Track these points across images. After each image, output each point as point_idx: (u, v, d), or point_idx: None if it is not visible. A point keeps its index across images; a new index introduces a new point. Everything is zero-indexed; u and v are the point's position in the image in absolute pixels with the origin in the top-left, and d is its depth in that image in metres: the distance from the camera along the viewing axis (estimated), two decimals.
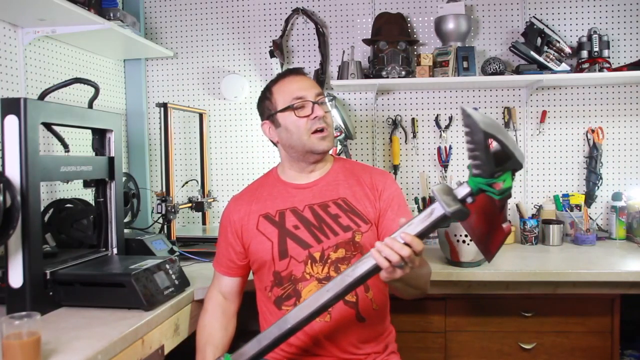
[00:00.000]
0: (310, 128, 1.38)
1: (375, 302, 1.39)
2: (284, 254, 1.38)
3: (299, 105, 1.39)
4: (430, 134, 2.47)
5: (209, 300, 1.49)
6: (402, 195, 1.48)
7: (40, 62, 1.97)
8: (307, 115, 1.38)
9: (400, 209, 1.43)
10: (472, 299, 1.89)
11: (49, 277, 1.35)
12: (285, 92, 1.42)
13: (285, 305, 1.37)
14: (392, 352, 1.45)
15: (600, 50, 2.25)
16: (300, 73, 1.47)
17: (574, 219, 2.28)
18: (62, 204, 1.77)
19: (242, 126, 2.54)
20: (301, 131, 1.39)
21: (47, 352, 1.06)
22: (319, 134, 1.38)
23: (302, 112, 1.39)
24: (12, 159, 1.27)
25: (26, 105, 1.28)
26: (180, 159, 2.57)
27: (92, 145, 1.66)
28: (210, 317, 1.46)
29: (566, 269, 1.82)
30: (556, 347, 1.89)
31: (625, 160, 2.41)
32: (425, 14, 2.46)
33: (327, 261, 1.36)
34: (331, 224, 1.39)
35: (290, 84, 1.43)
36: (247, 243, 1.44)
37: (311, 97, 1.39)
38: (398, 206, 1.43)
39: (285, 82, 1.44)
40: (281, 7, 2.50)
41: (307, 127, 1.38)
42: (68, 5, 1.69)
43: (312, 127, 1.38)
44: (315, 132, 1.38)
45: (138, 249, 1.72)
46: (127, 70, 2.54)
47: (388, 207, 1.43)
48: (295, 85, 1.42)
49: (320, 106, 1.39)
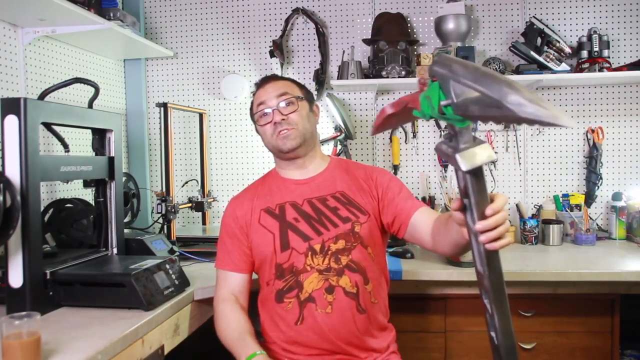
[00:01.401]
0: (274, 132, 1.45)
1: (374, 296, 1.41)
2: (285, 245, 1.41)
3: (260, 115, 1.47)
4: (430, 134, 2.47)
5: (224, 302, 1.45)
6: (403, 184, 1.51)
7: (40, 62, 1.97)
8: (269, 122, 1.45)
9: (403, 192, 1.47)
10: (472, 299, 1.89)
11: (49, 277, 1.34)
12: (254, 101, 1.51)
13: (287, 298, 1.39)
14: (393, 352, 1.47)
15: (600, 50, 2.25)
16: (269, 80, 1.52)
17: (574, 219, 2.28)
18: (62, 204, 1.77)
19: (242, 126, 2.54)
20: (267, 136, 1.47)
21: (47, 352, 1.06)
22: (281, 135, 1.44)
23: (264, 120, 1.47)
24: (12, 159, 1.27)
25: (26, 105, 1.28)
26: (180, 159, 2.57)
27: (92, 145, 1.65)
28: (233, 312, 1.42)
29: (566, 269, 1.82)
30: (556, 347, 1.89)
31: (625, 160, 2.41)
32: (425, 14, 2.46)
33: (328, 252, 1.39)
34: (330, 216, 1.42)
35: (258, 93, 1.51)
36: (251, 237, 1.46)
37: (272, 103, 1.45)
38: (399, 188, 1.47)
39: (257, 92, 1.52)
40: (281, 7, 2.50)
41: (271, 132, 1.46)
42: (68, 5, 1.69)
43: (275, 130, 1.45)
44: (279, 134, 1.44)
45: (138, 249, 1.72)
46: (127, 70, 2.54)
47: (388, 190, 1.47)
48: (260, 94, 1.49)
49: (280, 110, 1.45)
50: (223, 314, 1.42)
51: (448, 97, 0.80)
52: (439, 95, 0.82)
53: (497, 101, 0.73)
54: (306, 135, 1.47)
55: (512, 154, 2.45)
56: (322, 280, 1.37)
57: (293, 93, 1.47)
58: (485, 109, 0.75)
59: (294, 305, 1.38)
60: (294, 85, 1.52)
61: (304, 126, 1.46)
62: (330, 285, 1.37)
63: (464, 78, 0.78)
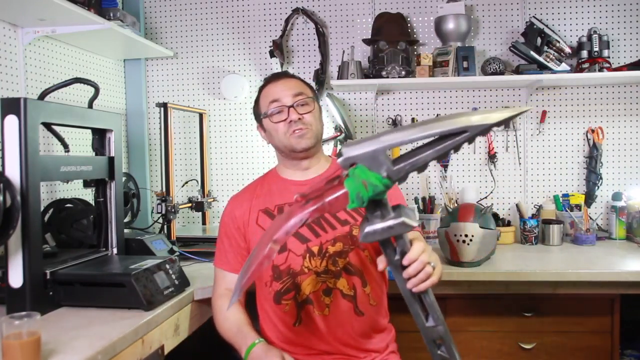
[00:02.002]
0: (287, 130, 1.43)
1: (372, 298, 1.41)
2: (282, 247, 1.40)
3: (274, 112, 1.44)
4: None
5: (221, 297, 1.46)
6: (399, 189, 1.52)
7: (40, 62, 1.97)
8: (283, 119, 1.43)
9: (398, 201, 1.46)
10: (472, 299, 1.89)
11: (49, 277, 1.34)
12: (265, 98, 1.49)
13: (284, 300, 1.39)
14: (392, 352, 1.47)
15: (600, 50, 2.25)
16: (282, 77, 1.50)
17: (574, 219, 2.28)
18: (62, 204, 1.77)
19: (242, 126, 2.54)
20: (280, 134, 1.44)
21: (47, 352, 1.06)
22: (296, 133, 1.42)
23: (278, 117, 1.44)
24: (12, 159, 1.27)
25: (26, 105, 1.28)
26: (180, 159, 2.57)
27: (92, 145, 1.65)
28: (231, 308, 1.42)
29: (566, 269, 1.82)
30: (556, 347, 1.89)
31: (625, 160, 2.41)
32: (425, 14, 2.46)
33: (325, 255, 1.39)
34: (329, 218, 1.42)
35: (269, 89, 1.48)
36: (249, 238, 1.46)
37: (287, 101, 1.43)
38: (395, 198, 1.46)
39: (267, 88, 1.50)
40: (281, 7, 2.50)
41: (284, 130, 1.43)
42: (68, 5, 1.69)
43: (289, 129, 1.43)
44: (293, 133, 1.42)
45: (138, 249, 1.72)
46: (127, 70, 2.54)
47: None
48: (273, 90, 1.47)
49: (296, 109, 1.43)
50: (221, 310, 1.43)
51: (381, 171, 0.88)
52: (372, 174, 0.88)
53: (462, 128, 0.85)
54: (318, 136, 1.48)
55: (512, 154, 2.45)
56: (320, 283, 1.37)
57: (307, 93, 1.47)
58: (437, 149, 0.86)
59: (292, 307, 1.38)
60: (306, 86, 1.51)
61: (317, 127, 1.46)
62: (328, 288, 1.37)
63: (391, 140, 0.88)
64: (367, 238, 0.93)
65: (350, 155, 0.89)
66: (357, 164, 0.89)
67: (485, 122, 0.85)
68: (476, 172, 2.46)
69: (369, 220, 0.93)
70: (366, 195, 0.89)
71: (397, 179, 0.89)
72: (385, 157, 0.88)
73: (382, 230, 0.92)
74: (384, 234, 0.93)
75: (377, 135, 0.89)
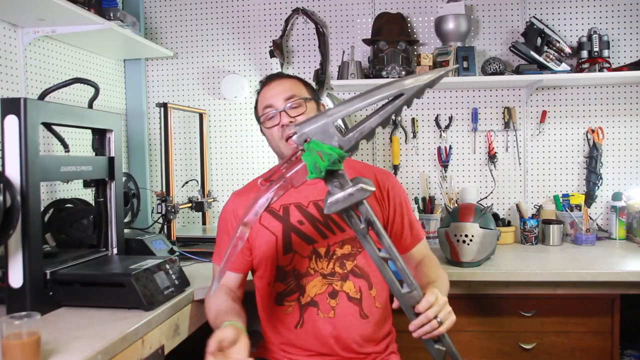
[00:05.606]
0: (281, 135, 1.41)
1: (378, 301, 1.39)
2: (288, 248, 1.38)
3: (267, 117, 1.43)
4: (430, 134, 2.47)
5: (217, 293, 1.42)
6: (406, 194, 1.52)
7: (40, 62, 1.97)
8: (276, 124, 1.42)
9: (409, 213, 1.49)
10: (472, 299, 1.89)
11: (49, 277, 1.34)
12: (260, 101, 1.48)
13: (287, 301, 1.38)
14: (392, 352, 1.46)
15: (600, 50, 2.25)
16: (275, 79, 1.47)
17: (574, 219, 2.28)
18: (62, 204, 1.77)
19: (242, 126, 2.54)
20: (275, 139, 1.43)
21: (47, 352, 1.06)
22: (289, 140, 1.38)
23: (271, 122, 1.42)
24: (12, 159, 1.27)
25: (26, 105, 1.27)
26: (180, 159, 2.57)
27: (92, 145, 1.65)
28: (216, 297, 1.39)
29: (566, 269, 1.82)
30: (556, 347, 1.89)
31: (625, 160, 2.41)
32: (425, 14, 2.46)
33: (333, 257, 1.37)
34: (337, 219, 1.39)
35: (263, 94, 1.47)
36: (252, 237, 1.43)
37: (279, 105, 1.41)
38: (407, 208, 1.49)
39: (262, 92, 1.48)
40: (281, 7, 2.50)
41: (279, 135, 1.42)
42: (68, 5, 1.69)
43: (282, 134, 1.41)
44: (287, 139, 1.39)
45: (138, 249, 1.72)
46: (127, 70, 2.54)
47: (395, 211, 1.46)
48: (267, 95, 1.45)
49: (287, 112, 1.40)
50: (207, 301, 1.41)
51: (332, 141, 0.97)
52: (325, 146, 0.96)
53: (398, 92, 0.96)
54: None
55: (512, 154, 2.45)
56: (326, 285, 1.36)
57: (300, 94, 1.43)
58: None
59: (294, 309, 1.37)
60: (301, 85, 1.48)
61: None
62: (334, 290, 1.35)
63: (338, 112, 0.97)
64: (331, 208, 1.00)
65: (303, 132, 0.97)
66: (311, 139, 0.96)
67: (417, 83, 0.97)
68: (476, 172, 2.47)
69: (330, 192, 1.00)
70: (323, 165, 0.96)
71: (349, 148, 0.97)
72: (335, 129, 0.96)
73: (344, 198, 0.99)
74: (346, 201, 0.99)
75: (325, 110, 0.99)
